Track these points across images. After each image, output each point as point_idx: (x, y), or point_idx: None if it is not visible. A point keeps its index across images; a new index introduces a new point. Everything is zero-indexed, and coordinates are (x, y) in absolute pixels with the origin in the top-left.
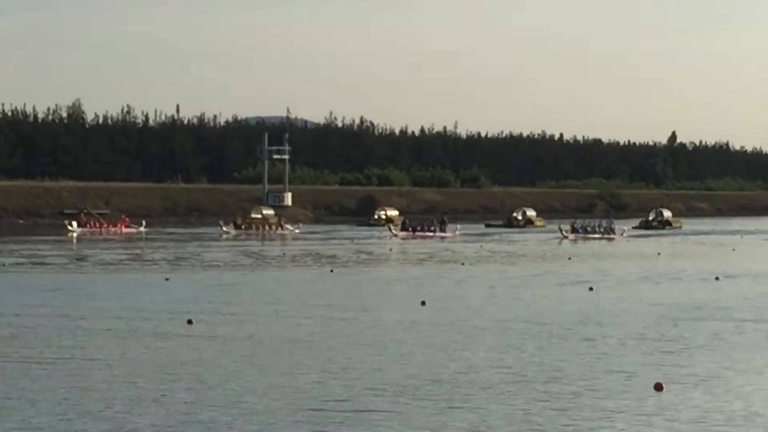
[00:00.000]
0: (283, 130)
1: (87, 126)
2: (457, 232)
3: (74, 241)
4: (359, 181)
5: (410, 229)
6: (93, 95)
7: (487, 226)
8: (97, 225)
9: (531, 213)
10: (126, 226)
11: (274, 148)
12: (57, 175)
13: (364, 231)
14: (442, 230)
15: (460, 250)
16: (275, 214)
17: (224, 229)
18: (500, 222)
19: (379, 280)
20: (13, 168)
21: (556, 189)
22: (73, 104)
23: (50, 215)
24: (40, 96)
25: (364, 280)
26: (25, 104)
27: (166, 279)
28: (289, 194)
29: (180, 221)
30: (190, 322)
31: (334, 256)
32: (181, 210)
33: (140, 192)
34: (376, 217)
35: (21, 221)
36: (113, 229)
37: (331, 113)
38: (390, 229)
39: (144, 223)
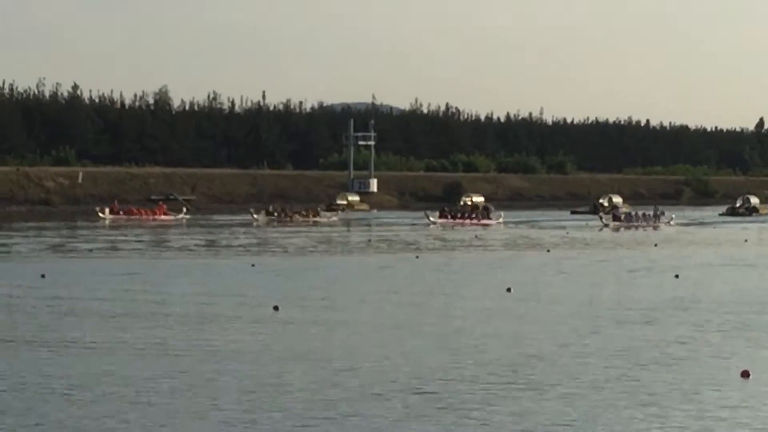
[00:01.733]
0: (368, 116)
1: (173, 112)
2: (501, 221)
3: (107, 226)
4: (445, 168)
5: (449, 216)
6: (180, 82)
7: (573, 212)
8: (132, 213)
9: (617, 199)
10: (164, 214)
11: (360, 134)
12: (144, 161)
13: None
14: (485, 218)
15: (539, 236)
16: (360, 200)
17: (255, 216)
18: (586, 209)
19: (466, 266)
20: (100, 154)
21: (642, 175)
22: (160, 91)
23: (137, 201)
24: (127, 83)
25: (450, 266)
26: (112, 91)
27: (252, 265)
28: (375, 180)
29: (262, 207)
30: (276, 308)
31: (414, 242)
32: (267, 196)
33: (226, 178)
34: (461, 203)
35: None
36: (150, 217)
37: (416, 99)
38: (427, 216)
39: (185, 210)
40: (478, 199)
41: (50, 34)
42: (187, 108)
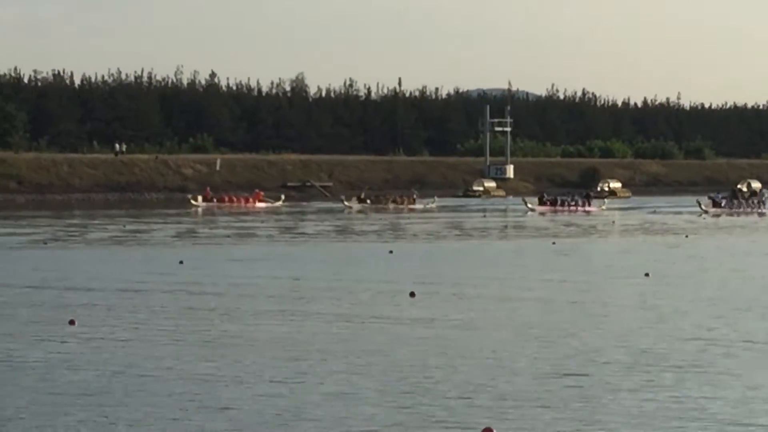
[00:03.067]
0: (504, 102)
1: (310, 100)
2: (603, 207)
3: (200, 214)
4: (581, 153)
5: (548, 203)
6: (316, 69)
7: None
8: (224, 200)
9: (756, 185)
10: (260, 200)
11: (496, 120)
12: (280, 148)
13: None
14: (586, 204)
15: (674, 222)
16: (496, 187)
17: (346, 204)
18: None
19: (604, 251)
20: (237, 141)
21: None
22: (297, 78)
23: (274, 188)
24: (264, 70)
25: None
26: (249, 78)
27: (390, 252)
28: (511, 166)
29: (402, 193)
30: (412, 294)
31: (546, 228)
32: (403, 182)
33: (363, 164)
34: (599, 189)
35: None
36: (245, 204)
37: (552, 85)
38: (525, 203)
39: (282, 197)
40: (616, 184)
41: (189, 22)
42: (323, 95)
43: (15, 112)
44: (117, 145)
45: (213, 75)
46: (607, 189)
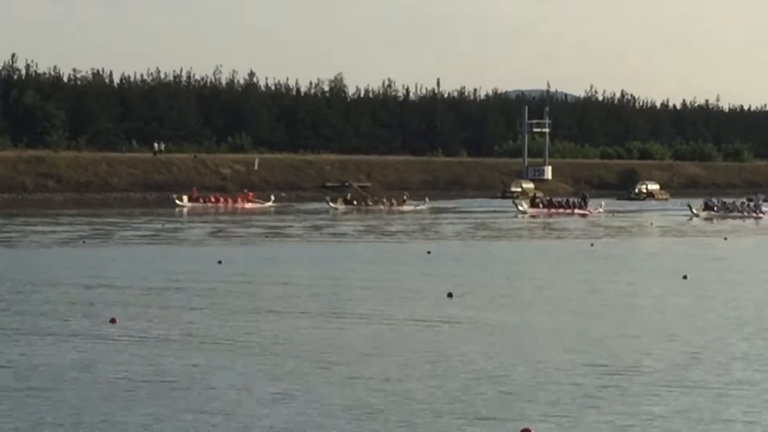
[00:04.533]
0: (543, 103)
1: (348, 100)
2: (601, 210)
3: (184, 214)
4: (620, 155)
5: (541, 205)
6: (355, 69)
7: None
8: (211, 200)
9: None
10: (249, 201)
11: (534, 121)
12: (319, 148)
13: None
14: (582, 207)
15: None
16: (535, 188)
17: (331, 205)
18: (763, 196)
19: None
20: (276, 141)
21: None
22: (335, 78)
23: (312, 188)
24: (303, 70)
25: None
26: (288, 78)
27: (428, 252)
28: (549, 168)
29: (440, 194)
30: (448, 294)
31: (565, 228)
32: (442, 183)
33: (400, 165)
34: (636, 191)
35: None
36: (233, 205)
37: (591, 87)
38: (515, 205)
39: (273, 198)
40: (654, 186)
41: (228, 22)
42: (362, 95)
43: (54, 111)
44: (155, 145)
45: (252, 75)
46: (645, 191)
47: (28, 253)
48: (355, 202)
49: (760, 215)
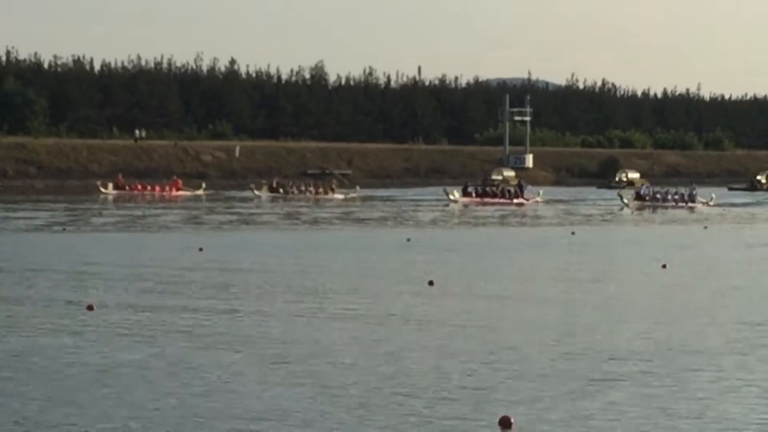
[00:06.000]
0: (524, 91)
1: (329, 87)
2: (539, 198)
3: (110, 201)
4: (601, 144)
5: (473, 194)
6: (336, 57)
7: (730, 189)
8: (137, 188)
9: None
10: (178, 189)
11: (515, 109)
12: (300, 135)
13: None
14: (518, 196)
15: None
16: (515, 176)
17: (256, 193)
18: (743, 185)
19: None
20: (257, 129)
21: None
22: (316, 66)
23: (293, 175)
24: (284, 58)
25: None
26: (269, 66)
27: (408, 239)
28: (530, 156)
29: (421, 182)
30: (431, 283)
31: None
32: (423, 171)
33: (381, 153)
34: (617, 179)
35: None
36: (162, 192)
37: (572, 75)
38: (446, 193)
39: (204, 185)
40: (634, 175)
41: (209, 9)
42: (343, 83)
43: (35, 97)
44: (137, 131)
45: (233, 62)
46: (625, 179)
47: (6, 239)
48: (281, 190)
49: (694, 205)
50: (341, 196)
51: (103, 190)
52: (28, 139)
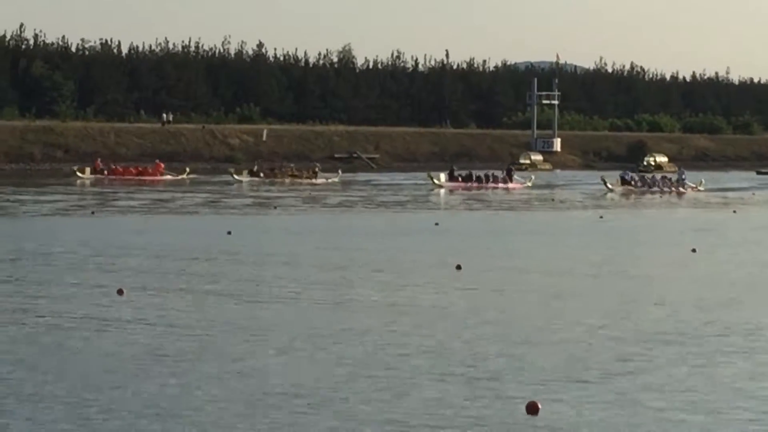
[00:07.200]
0: (552, 75)
1: (357, 71)
2: (529, 184)
3: (87, 185)
4: (629, 127)
5: (459, 178)
6: (363, 40)
7: (759, 173)
8: (117, 172)
9: None
10: (161, 174)
11: (543, 93)
12: (327, 119)
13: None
14: (506, 181)
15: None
16: (543, 160)
17: (236, 177)
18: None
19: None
20: (284, 112)
21: None
22: (344, 49)
23: (321, 159)
24: (312, 41)
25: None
26: (296, 49)
27: (436, 224)
28: (558, 140)
29: (448, 166)
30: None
31: (565, 200)
32: (450, 155)
33: (409, 136)
34: (645, 163)
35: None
36: (143, 176)
37: (600, 58)
38: (431, 177)
39: (188, 170)
40: (662, 159)
41: None
42: (370, 66)
43: (63, 81)
44: (164, 115)
45: (260, 45)
46: (653, 163)
47: (35, 224)
48: (261, 175)
49: (684, 190)
50: (322, 181)
51: (79, 174)
52: (55, 123)
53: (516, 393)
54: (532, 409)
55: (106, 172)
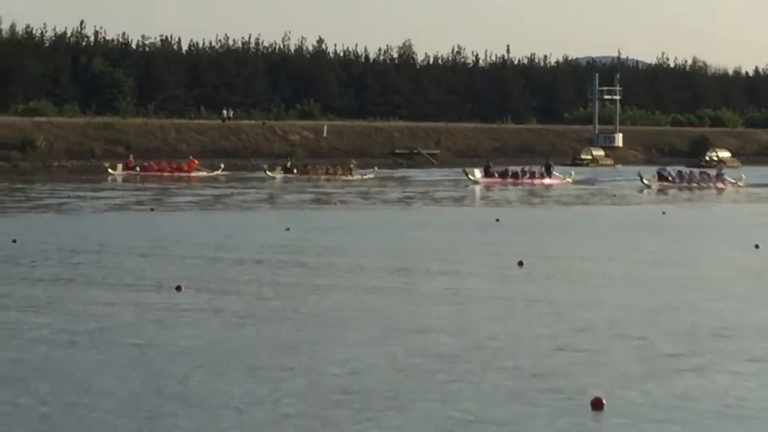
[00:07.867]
0: (614, 70)
1: (417, 66)
2: (569, 180)
3: (119, 182)
4: (691, 122)
5: (495, 174)
6: (424, 36)
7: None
8: (149, 168)
9: None
10: (194, 169)
11: (605, 88)
12: (388, 115)
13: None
14: (544, 176)
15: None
16: (605, 155)
17: (269, 174)
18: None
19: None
20: (344, 108)
21: None
22: (404, 45)
23: (381, 155)
24: (372, 37)
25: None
26: (356, 45)
27: (497, 220)
28: (620, 135)
29: (509, 161)
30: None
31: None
32: (511, 150)
33: (470, 132)
34: (707, 158)
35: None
36: (177, 174)
37: (662, 53)
38: (466, 173)
39: (222, 166)
40: (725, 154)
41: None
42: (431, 62)
43: (123, 77)
44: (224, 111)
45: (320, 41)
46: (716, 158)
47: (95, 220)
48: (295, 171)
49: (723, 186)
50: (358, 177)
51: (110, 171)
52: (116, 119)
53: (581, 388)
54: (597, 404)
55: (138, 169)
